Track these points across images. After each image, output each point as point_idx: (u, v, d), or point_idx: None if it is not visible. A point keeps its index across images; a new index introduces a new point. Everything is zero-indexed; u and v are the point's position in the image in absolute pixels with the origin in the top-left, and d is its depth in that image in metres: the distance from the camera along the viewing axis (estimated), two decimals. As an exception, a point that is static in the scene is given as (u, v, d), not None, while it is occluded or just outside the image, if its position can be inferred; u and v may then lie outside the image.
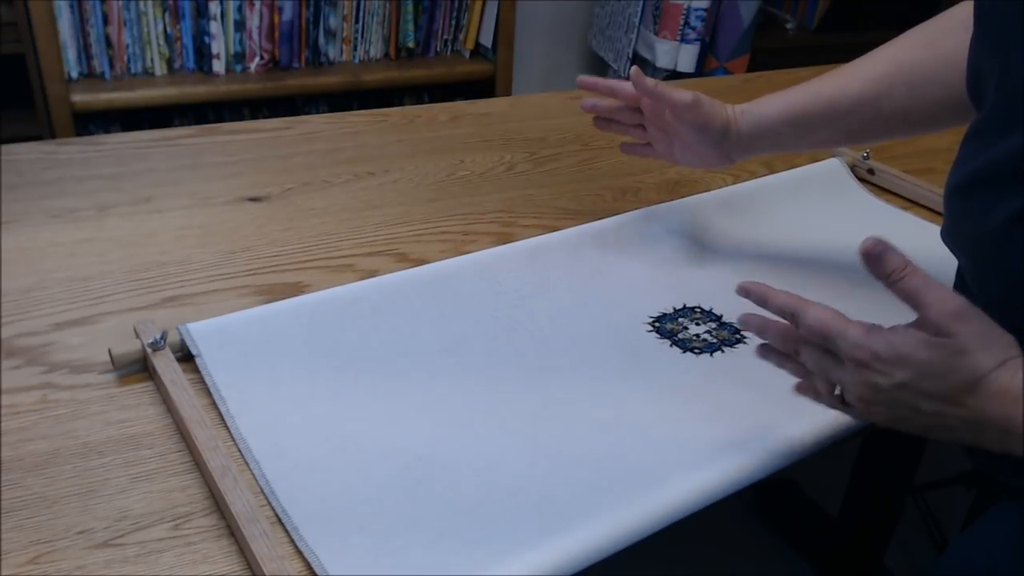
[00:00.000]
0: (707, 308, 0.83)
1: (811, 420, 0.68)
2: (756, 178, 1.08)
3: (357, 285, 0.81)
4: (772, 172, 1.10)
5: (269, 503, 0.61)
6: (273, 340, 0.74)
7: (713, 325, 0.81)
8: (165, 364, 0.70)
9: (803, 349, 0.60)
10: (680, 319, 0.82)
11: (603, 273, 0.88)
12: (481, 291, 0.83)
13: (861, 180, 1.12)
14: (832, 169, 1.11)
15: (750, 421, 0.69)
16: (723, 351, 0.78)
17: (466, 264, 0.86)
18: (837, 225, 1.01)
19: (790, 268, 0.93)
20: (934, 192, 1.06)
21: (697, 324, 0.81)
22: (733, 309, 0.83)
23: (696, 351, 0.78)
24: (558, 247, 0.90)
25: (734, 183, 1.07)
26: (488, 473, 0.64)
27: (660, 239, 0.94)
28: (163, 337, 0.71)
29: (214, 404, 0.68)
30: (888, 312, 0.81)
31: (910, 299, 0.55)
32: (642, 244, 0.93)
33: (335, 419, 0.68)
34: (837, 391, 0.60)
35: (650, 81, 0.83)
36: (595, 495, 0.62)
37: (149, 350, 0.71)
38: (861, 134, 0.84)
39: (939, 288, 0.55)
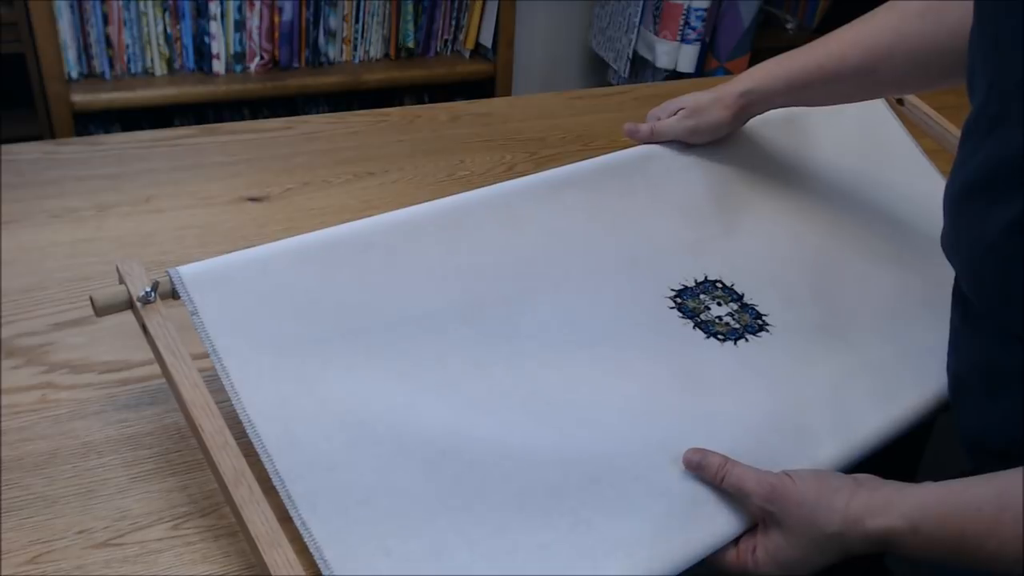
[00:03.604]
0: (728, 284, 0.83)
1: (836, 442, 0.69)
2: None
3: (367, 224, 0.75)
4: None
5: (284, 504, 0.58)
6: (276, 294, 0.68)
7: (735, 306, 0.81)
8: (159, 326, 0.62)
9: None
10: (701, 296, 0.81)
11: (626, 222, 0.86)
12: (500, 239, 0.79)
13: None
14: (871, 104, 1.05)
15: (776, 435, 0.69)
16: (746, 339, 0.78)
17: (484, 201, 0.82)
18: (868, 170, 0.98)
19: (812, 213, 0.92)
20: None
21: (719, 304, 0.81)
22: (752, 284, 0.84)
23: (720, 337, 0.78)
24: (581, 185, 0.86)
25: None
26: (519, 479, 0.62)
27: (690, 179, 0.91)
28: (154, 288, 0.63)
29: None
30: (909, 277, 0.88)
31: (736, 491, 0.62)
32: (668, 184, 0.90)
33: (348, 403, 0.64)
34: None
35: (644, 130, 0.92)
36: (631, 522, 0.61)
37: (139, 304, 0.62)
38: (853, 97, 0.89)
39: (756, 475, 0.61)
